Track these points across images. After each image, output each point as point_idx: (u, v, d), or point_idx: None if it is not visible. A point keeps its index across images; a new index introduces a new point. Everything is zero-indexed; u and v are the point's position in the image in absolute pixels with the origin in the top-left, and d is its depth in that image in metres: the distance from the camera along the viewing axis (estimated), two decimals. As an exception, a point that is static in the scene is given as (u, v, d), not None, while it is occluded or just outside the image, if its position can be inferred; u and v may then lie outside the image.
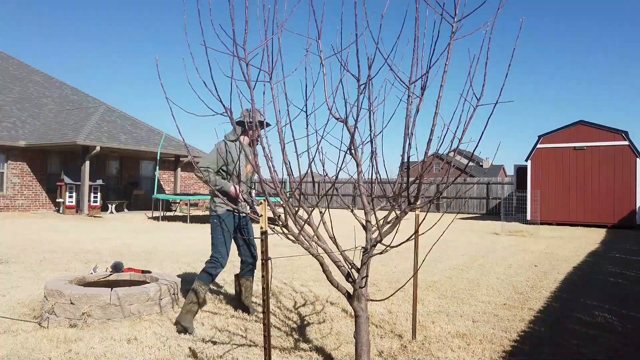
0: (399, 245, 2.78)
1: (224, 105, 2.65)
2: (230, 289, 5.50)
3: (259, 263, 4.04)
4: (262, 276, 2.69)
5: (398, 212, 2.74)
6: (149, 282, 4.73)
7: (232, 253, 4.45)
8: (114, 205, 19.47)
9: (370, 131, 2.75)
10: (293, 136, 2.82)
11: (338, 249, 2.86)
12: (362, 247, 2.86)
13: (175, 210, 21.90)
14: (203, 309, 4.62)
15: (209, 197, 4.66)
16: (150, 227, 14.02)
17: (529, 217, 17.55)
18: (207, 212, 22.30)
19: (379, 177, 2.79)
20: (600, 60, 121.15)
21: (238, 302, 4.66)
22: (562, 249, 10.10)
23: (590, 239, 12.45)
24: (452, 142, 2.65)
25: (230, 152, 4.26)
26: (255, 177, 4.19)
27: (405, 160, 2.69)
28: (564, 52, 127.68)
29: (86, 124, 18.94)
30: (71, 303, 4.02)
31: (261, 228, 2.61)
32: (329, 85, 2.81)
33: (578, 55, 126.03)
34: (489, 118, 2.61)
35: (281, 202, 2.78)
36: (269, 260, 2.69)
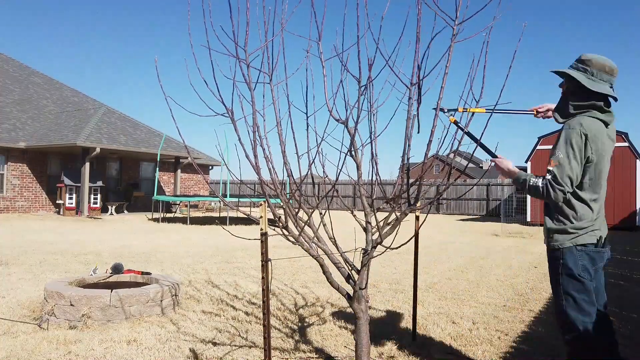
0: (399, 246, 2.78)
1: (225, 106, 2.65)
2: (232, 290, 5.49)
3: (259, 264, 4.01)
4: (262, 277, 2.69)
5: (398, 214, 2.74)
6: (149, 284, 4.73)
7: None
8: (113, 207, 19.47)
9: (371, 133, 2.75)
10: (294, 137, 2.82)
11: (338, 250, 2.86)
12: (362, 249, 2.86)
13: (175, 212, 21.91)
14: (204, 309, 4.62)
15: (212, 198, 4.59)
16: (150, 229, 14.02)
17: (528, 219, 17.55)
18: (207, 214, 22.29)
19: (379, 179, 2.79)
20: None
21: None
22: (562, 250, 10.09)
23: (590, 240, 12.42)
24: (451, 144, 2.65)
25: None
26: None
27: (405, 161, 2.69)
28: (564, 52, 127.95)
29: (86, 125, 18.94)
30: (71, 304, 4.02)
31: (261, 229, 2.62)
32: (329, 87, 2.81)
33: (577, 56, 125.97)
34: (488, 119, 2.62)
35: (281, 204, 2.79)
36: (269, 262, 2.69)
